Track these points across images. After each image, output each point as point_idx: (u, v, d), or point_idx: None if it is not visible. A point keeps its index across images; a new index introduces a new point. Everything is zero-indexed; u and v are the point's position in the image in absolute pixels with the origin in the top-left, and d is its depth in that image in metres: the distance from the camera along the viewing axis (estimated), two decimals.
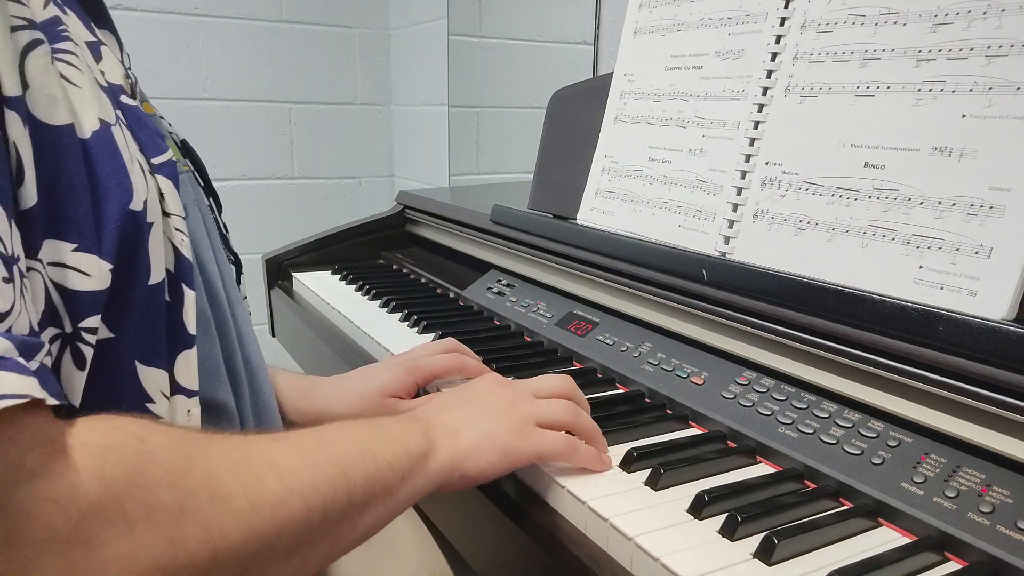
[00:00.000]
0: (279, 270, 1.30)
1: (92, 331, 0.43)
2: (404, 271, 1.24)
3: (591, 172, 0.91)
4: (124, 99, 0.50)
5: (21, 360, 0.34)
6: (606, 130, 0.91)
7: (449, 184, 2.10)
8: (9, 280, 0.36)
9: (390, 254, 1.33)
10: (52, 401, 0.34)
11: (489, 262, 1.07)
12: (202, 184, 0.64)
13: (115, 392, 0.45)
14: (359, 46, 2.28)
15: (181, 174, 0.56)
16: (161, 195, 0.49)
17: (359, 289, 1.13)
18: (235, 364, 0.58)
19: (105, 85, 0.48)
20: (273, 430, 0.63)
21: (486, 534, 0.62)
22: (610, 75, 0.91)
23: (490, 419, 0.56)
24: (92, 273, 0.42)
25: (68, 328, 0.42)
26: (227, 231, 0.68)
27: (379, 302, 1.05)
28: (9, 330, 0.35)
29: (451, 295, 1.08)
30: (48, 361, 0.38)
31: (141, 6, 1.98)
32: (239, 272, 0.68)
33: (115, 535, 0.35)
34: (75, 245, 0.42)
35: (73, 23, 0.48)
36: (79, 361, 0.43)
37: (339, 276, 1.21)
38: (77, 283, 0.42)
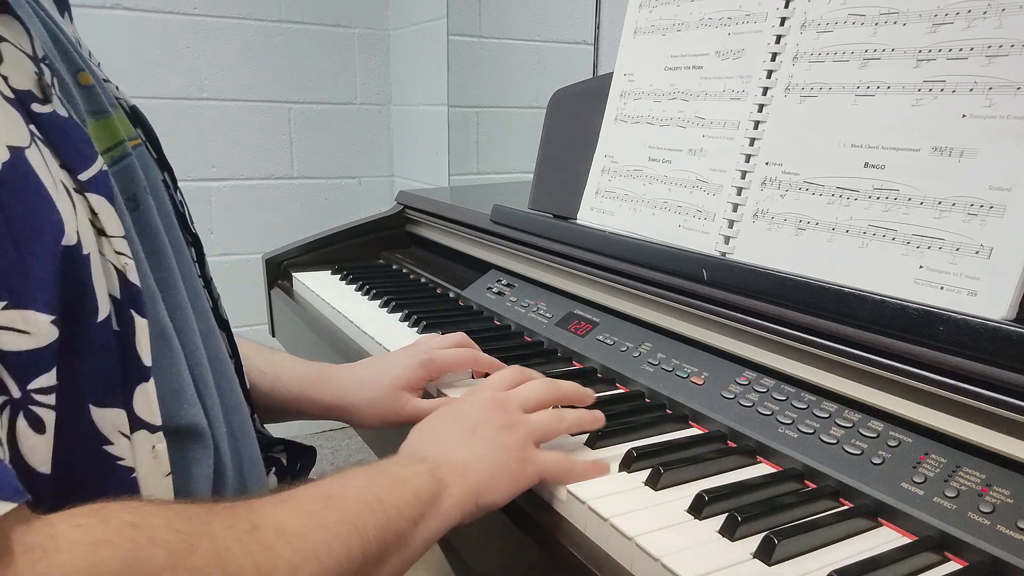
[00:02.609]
0: (279, 270, 1.30)
1: (46, 391, 0.38)
2: (404, 271, 1.24)
3: (591, 172, 0.91)
4: (36, 107, 0.41)
5: None
6: (606, 130, 0.91)
7: (449, 184, 2.10)
8: None
9: (390, 254, 1.33)
10: (9, 507, 0.31)
11: (489, 262, 1.07)
12: (155, 156, 0.57)
13: (67, 442, 0.40)
14: (359, 46, 2.28)
15: (128, 156, 0.50)
16: (95, 214, 0.42)
17: (359, 289, 1.13)
18: (201, 370, 0.53)
19: (11, 96, 0.39)
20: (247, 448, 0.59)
21: (485, 534, 0.61)
22: (610, 75, 0.91)
23: (493, 449, 0.56)
24: (30, 330, 0.37)
25: (16, 393, 0.37)
26: (185, 207, 0.60)
27: (379, 302, 1.05)
28: None
29: (451, 295, 1.08)
30: None
31: (140, 6, 1.98)
32: (201, 255, 0.62)
33: None
34: (3, 303, 0.36)
35: None
36: (37, 425, 0.38)
37: (339, 276, 1.21)
38: (14, 344, 0.36)
